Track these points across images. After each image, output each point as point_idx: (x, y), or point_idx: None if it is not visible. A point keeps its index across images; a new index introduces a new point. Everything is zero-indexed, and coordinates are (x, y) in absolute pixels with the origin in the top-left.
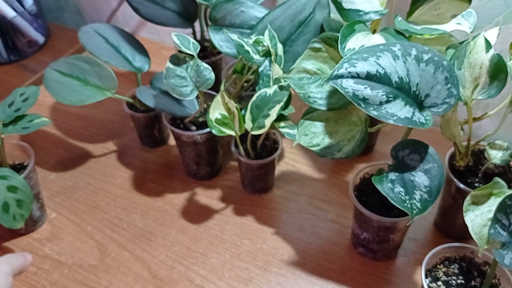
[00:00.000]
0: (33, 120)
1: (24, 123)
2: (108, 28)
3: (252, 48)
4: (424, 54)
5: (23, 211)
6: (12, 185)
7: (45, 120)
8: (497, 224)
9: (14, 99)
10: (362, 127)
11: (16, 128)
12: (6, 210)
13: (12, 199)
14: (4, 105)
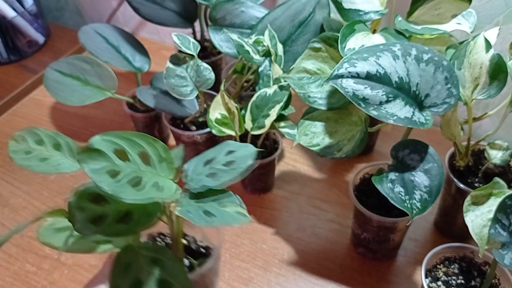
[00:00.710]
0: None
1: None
2: (108, 28)
3: (252, 48)
4: (424, 54)
5: None
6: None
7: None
8: (497, 224)
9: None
10: (362, 127)
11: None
12: None
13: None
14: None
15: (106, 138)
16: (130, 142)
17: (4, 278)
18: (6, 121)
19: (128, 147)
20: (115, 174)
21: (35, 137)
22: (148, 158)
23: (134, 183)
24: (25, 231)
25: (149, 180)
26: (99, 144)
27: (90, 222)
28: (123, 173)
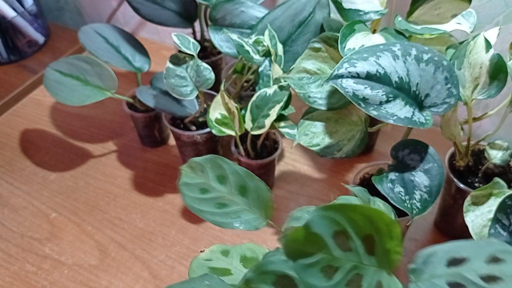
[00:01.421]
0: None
1: None
2: (108, 28)
3: (252, 48)
4: (424, 54)
5: None
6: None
7: None
8: (497, 224)
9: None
10: (362, 126)
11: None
12: None
13: None
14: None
15: (326, 214)
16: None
17: (4, 278)
18: (6, 121)
19: (350, 228)
20: (331, 271)
21: (217, 170)
22: (373, 245)
23: (354, 285)
24: (25, 231)
25: (371, 279)
26: (318, 225)
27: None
28: (341, 270)
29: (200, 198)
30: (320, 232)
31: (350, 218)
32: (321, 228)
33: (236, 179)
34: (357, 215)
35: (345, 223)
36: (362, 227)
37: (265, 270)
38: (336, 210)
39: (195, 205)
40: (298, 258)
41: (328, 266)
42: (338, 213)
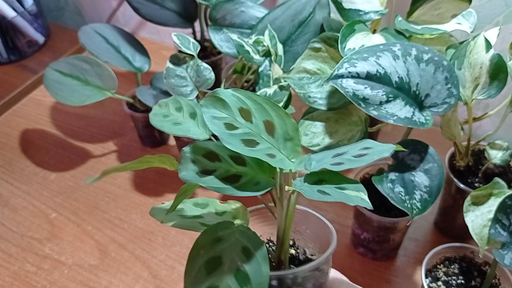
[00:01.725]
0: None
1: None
2: (108, 28)
3: (252, 48)
4: (424, 54)
5: None
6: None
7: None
8: (497, 224)
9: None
10: (362, 127)
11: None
12: None
13: None
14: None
15: (235, 93)
16: (259, 106)
17: (4, 278)
18: (6, 121)
19: (255, 110)
20: (232, 128)
21: (176, 104)
22: (273, 130)
23: (250, 143)
24: (25, 231)
25: (267, 148)
26: (227, 96)
27: (196, 172)
28: (240, 130)
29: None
30: (229, 101)
31: (254, 102)
32: (229, 99)
33: (188, 109)
34: (264, 105)
35: (251, 106)
36: (264, 113)
37: (198, 146)
38: (245, 93)
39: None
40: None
41: (230, 124)
42: (245, 96)
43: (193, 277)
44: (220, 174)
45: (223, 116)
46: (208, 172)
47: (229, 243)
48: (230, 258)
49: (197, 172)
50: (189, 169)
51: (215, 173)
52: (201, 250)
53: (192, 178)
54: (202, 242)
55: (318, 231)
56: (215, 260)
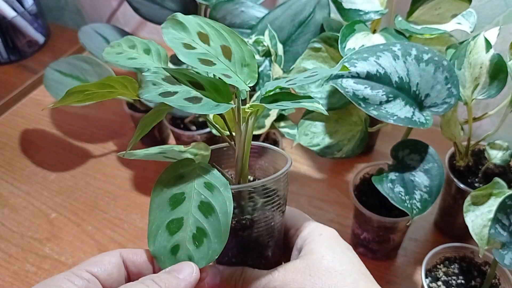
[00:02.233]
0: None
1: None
2: (108, 28)
3: (252, 48)
4: (424, 54)
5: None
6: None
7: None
8: (497, 224)
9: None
10: (362, 127)
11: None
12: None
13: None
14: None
15: (195, 19)
16: (217, 32)
17: (4, 278)
18: (6, 121)
19: (212, 35)
20: (190, 47)
21: (129, 43)
22: (230, 54)
23: (206, 62)
24: (25, 231)
25: (223, 69)
26: (187, 20)
27: (159, 94)
28: (198, 50)
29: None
30: (188, 25)
31: (212, 28)
32: (189, 23)
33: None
34: (217, 29)
35: (209, 31)
36: (222, 38)
37: (158, 71)
38: (203, 19)
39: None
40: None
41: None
42: (204, 21)
43: (158, 213)
44: (182, 96)
45: (182, 37)
46: (170, 94)
47: (190, 179)
48: (193, 192)
49: (159, 94)
50: (151, 91)
51: (177, 95)
52: (164, 188)
53: (155, 98)
54: (164, 180)
55: (276, 163)
56: (179, 196)
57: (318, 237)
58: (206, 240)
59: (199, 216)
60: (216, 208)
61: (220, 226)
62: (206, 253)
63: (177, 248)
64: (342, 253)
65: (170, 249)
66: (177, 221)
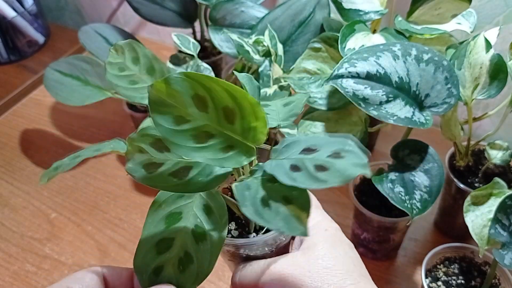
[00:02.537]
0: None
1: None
2: (108, 28)
3: (252, 48)
4: (424, 54)
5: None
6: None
7: None
8: (497, 224)
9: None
10: (362, 127)
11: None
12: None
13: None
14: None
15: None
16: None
17: (4, 278)
18: (6, 121)
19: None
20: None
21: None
22: (233, 117)
23: (201, 137)
24: (25, 231)
25: (224, 140)
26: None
27: (143, 166)
28: (192, 123)
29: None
30: (180, 89)
31: (210, 88)
32: (181, 87)
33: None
34: (218, 88)
35: (205, 91)
36: (223, 99)
37: (145, 133)
38: (198, 78)
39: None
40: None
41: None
42: (199, 80)
43: (152, 228)
44: (168, 169)
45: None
46: (154, 167)
47: (191, 198)
48: (190, 214)
49: (143, 165)
50: (136, 160)
51: (162, 167)
52: (162, 204)
53: (139, 176)
54: (164, 197)
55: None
56: (175, 215)
57: (323, 231)
58: (192, 266)
59: (189, 241)
60: (208, 236)
61: (209, 256)
62: (189, 279)
63: (160, 269)
64: (344, 252)
65: (153, 269)
66: (168, 241)
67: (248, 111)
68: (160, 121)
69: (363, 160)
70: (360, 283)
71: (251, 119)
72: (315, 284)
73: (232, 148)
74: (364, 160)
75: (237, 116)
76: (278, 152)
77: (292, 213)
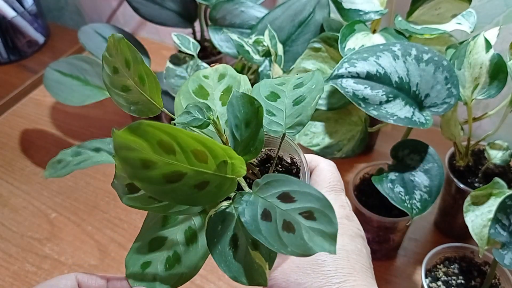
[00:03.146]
0: None
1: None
2: (108, 28)
3: (252, 48)
4: (424, 54)
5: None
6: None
7: None
8: (497, 224)
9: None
10: (362, 127)
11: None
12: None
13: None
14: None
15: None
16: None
17: (4, 278)
18: (6, 121)
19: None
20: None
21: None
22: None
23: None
24: (25, 231)
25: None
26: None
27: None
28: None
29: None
30: (144, 136)
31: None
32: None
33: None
34: (183, 135)
35: (170, 138)
36: (190, 143)
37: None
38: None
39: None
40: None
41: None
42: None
43: (150, 226)
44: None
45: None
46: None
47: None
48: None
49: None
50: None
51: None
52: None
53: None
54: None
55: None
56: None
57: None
58: (178, 266)
59: (181, 241)
60: (199, 240)
61: (196, 259)
62: (173, 278)
63: (148, 264)
64: (341, 245)
65: (141, 264)
66: (160, 240)
67: (220, 153)
68: (127, 165)
69: (334, 229)
70: (348, 281)
71: (225, 159)
72: (301, 281)
73: (207, 184)
74: (335, 229)
75: (209, 157)
76: (258, 188)
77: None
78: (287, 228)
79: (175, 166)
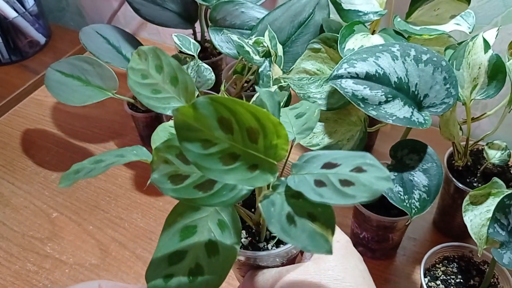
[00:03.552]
0: None
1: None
2: (109, 29)
3: (252, 49)
4: (423, 54)
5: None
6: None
7: None
8: (496, 224)
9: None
10: (361, 127)
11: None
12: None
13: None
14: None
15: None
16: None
17: (5, 277)
18: (8, 121)
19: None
20: (208, 145)
21: (156, 60)
22: (256, 137)
23: (228, 158)
24: (26, 230)
25: (249, 160)
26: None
27: (168, 177)
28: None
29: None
30: (206, 113)
31: (235, 110)
32: (207, 111)
33: (169, 70)
34: (242, 110)
35: (230, 114)
36: (247, 120)
37: (171, 144)
38: (223, 101)
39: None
40: (185, 130)
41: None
42: (224, 103)
43: (166, 241)
44: (193, 182)
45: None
46: (179, 179)
47: (206, 213)
48: (205, 228)
49: (169, 176)
50: (161, 172)
51: (188, 180)
52: (178, 217)
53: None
54: (180, 209)
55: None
56: (191, 229)
57: (334, 243)
58: (201, 278)
59: (202, 254)
60: (221, 251)
61: (220, 270)
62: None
63: (170, 276)
64: (354, 265)
65: (163, 276)
66: (181, 254)
67: (271, 130)
68: (188, 146)
69: (386, 173)
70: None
71: (273, 137)
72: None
73: (257, 167)
74: (386, 173)
75: (260, 135)
76: (298, 167)
77: (317, 230)
78: (347, 184)
79: (231, 149)
